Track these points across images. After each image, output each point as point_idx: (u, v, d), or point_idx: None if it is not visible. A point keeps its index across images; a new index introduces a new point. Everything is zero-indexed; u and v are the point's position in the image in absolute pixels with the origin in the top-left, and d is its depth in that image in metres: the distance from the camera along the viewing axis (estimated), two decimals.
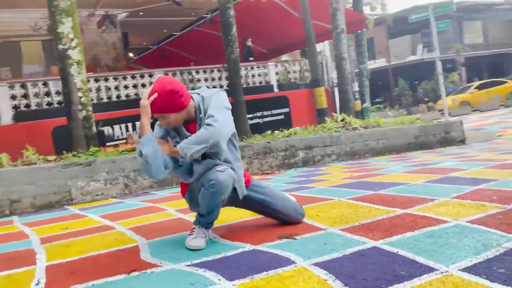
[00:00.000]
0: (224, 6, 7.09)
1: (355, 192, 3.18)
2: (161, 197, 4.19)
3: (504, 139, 9.48)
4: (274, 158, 6.03)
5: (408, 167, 4.60)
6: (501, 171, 3.58)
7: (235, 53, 7.12)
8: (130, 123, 8.49)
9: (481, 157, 4.84)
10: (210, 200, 2.06)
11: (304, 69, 10.62)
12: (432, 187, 3.14)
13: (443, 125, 8.06)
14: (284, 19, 12.44)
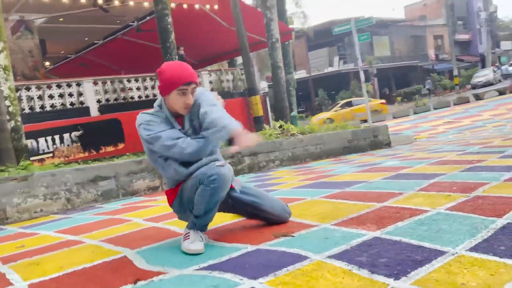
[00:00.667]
0: (162, 12, 6.92)
1: (322, 191, 3.26)
2: (114, 210, 3.93)
3: (421, 142, 10.40)
4: None
5: (355, 167, 4.83)
6: (444, 167, 3.92)
7: (174, 60, 6.97)
8: (57, 135, 7.87)
9: (417, 156, 5.25)
10: (211, 197, 1.98)
11: (237, 78, 10.71)
12: (392, 183, 3.33)
13: (372, 129, 8.60)
14: (214, 29, 12.47)
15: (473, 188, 2.74)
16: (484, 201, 2.38)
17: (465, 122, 13.33)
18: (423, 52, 36.13)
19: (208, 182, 1.96)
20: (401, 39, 33.47)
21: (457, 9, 39.60)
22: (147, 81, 9.51)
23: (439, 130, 12.69)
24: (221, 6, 10.41)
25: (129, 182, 5.03)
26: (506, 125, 10.52)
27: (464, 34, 41.28)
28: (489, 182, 2.88)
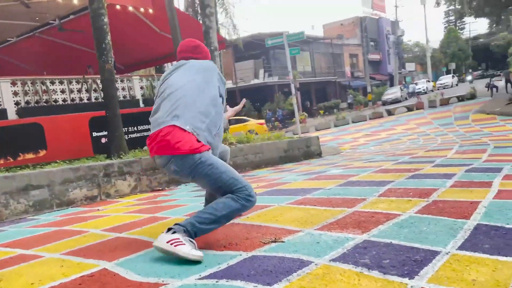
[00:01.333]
0: (97, 11, 6.52)
1: (285, 198, 3.29)
2: (55, 221, 3.58)
3: (348, 152, 11.01)
4: (163, 174, 5.75)
5: (302, 175, 4.95)
6: (388, 174, 4.18)
7: (110, 62, 6.58)
8: None
9: (356, 165, 5.53)
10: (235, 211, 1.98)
11: None
12: (349, 189, 3.47)
13: (305, 140, 8.91)
14: (144, 34, 12.08)
15: (428, 194, 2.95)
16: (444, 205, 2.58)
17: (382, 135, 14.40)
18: (340, 69, 38.47)
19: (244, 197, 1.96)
20: (321, 56, 35.32)
21: (369, 31, 42.88)
22: (73, 84, 8.88)
23: (360, 142, 13.55)
24: (155, 11, 10.13)
25: (64, 191, 4.62)
26: (419, 139, 11.53)
27: (375, 54, 44.80)
28: (438, 188, 3.13)
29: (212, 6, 8.32)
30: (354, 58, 42.31)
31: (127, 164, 5.34)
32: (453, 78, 42.56)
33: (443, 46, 57.29)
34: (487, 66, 65.86)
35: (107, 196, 5.02)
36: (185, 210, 3.30)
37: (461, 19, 53.42)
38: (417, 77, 53.97)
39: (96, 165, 5.00)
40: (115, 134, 6.66)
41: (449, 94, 24.60)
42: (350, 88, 36.41)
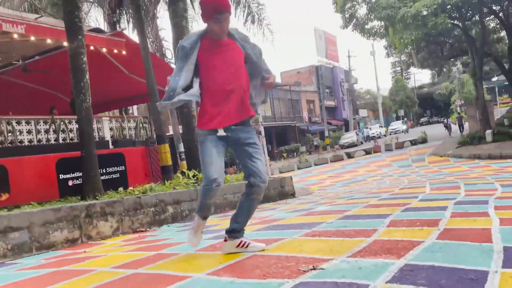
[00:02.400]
0: (76, 51, 6.43)
1: (293, 232, 3.25)
2: (41, 264, 3.31)
3: (318, 192, 11.14)
4: (144, 215, 5.54)
5: (291, 213, 4.94)
6: (381, 209, 4.26)
7: (87, 101, 6.41)
8: None
9: (342, 202, 5.59)
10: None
11: (140, 126, 10.30)
12: (353, 222, 3.50)
13: (279, 180, 8.96)
14: (113, 76, 11.98)
15: (435, 223, 3.04)
16: (458, 232, 2.66)
17: (347, 176, 14.76)
18: (299, 114, 39.70)
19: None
20: (280, 101, 36.38)
21: (325, 78, 44.97)
22: (40, 124, 8.54)
23: (327, 183, 13.80)
24: (127, 53, 10.13)
25: (44, 233, 4.31)
26: (384, 179, 11.92)
27: (331, 101, 46.78)
28: (441, 218, 3.23)
29: None
30: (311, 104, 43.91)
31: (109, 205, 5.10)
32: (403, 124, 45.03)
33: (392, 94, 60.96)
34: (431, 113, 70.50)
35: (88, 239, 4.73)
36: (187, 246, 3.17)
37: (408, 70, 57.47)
38: (370, 122, 56.62)
39: (77, 206, 4.74)
40: (91, 174, 6.40)
41: (402, 139, 25.92)
42: (308, 133, 37.47)
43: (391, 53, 30.31)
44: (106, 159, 9.68)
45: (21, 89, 11.97)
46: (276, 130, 34.09)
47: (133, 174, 9.99)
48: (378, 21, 20.01)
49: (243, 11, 12.08)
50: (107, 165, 9.65)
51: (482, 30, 19.67)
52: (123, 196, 6.38)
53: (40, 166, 8.00)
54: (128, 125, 10.42)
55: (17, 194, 7.45)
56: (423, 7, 15.68)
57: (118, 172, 9.88)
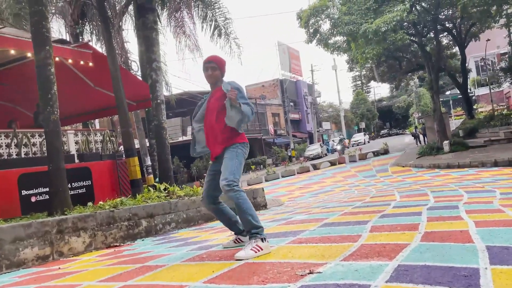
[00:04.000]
0: (44, 61, 6.22)
1: (279, 240, 3.27)
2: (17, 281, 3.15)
3: (289, 203, 11.22)
4: (118, 229, 5.38)
5: (271, 222, 4.95)
6: (359, 216, 4.37)
7: (55, 113, 6.19)
8: None
9: (316, 211, 5.67)
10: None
11: (107, 140, 10.05)
12: (335, 229, 3.56)
13: (251, 192, 8.96)
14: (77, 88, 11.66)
15: (415, 227, 3.15)
16: (440, 234, 2.78)
17: (315, 187, 14.97)
18: (264, 127, 39.97)
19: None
20: None
21: (289, 92, 45.68)
22: (1, 138, 8.17)
23: (295, 194, 13.93)
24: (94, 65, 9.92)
25: (14, 250, 4.10)
26: (351, 189, 12.18)
27: (295, 113, 47.51)
28: (419, 223, 3.35)
29: (158, 60, 8.40)
30: (276, 117, 44.40)
31: (82, 219, 4.93)
32: (365, 136, 46.37)
33: (353, 107, 62.72)
34: (391, 125, 73.04)
35: (60, 255, 4.53)
36: (175, 257, 3.12)
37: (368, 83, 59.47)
38: (333, 135, 57.89)
39: (48, 221, 4.55)
40: (59, 189, 6.16)
41: (365, 150, 26.66)
42: (274, 145, 37.79)
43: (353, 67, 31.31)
44: (71, 173, 9.36)
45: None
46: None
47: (100, 189, 9.71)
48: (341, 36, 20.68)
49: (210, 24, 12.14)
50: (72, 179, 9.34)
51: (437, 46, 20.74)
52: (94, 211, 6.19)
53: (0, 181, 7.65)
54: (95, 139, 10.16)
55: None
56: (383, 23, 16.35)
57: (84, 187, 9.60)
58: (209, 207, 3.32)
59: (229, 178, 2.92)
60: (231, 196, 2.94)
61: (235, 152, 3.10)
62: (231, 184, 2.91)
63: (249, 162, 30.52)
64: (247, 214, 2.89)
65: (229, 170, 2.96)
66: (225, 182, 2.90)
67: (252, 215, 2.91)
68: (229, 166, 2.99)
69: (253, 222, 2.88)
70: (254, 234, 2.84)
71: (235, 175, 2.99)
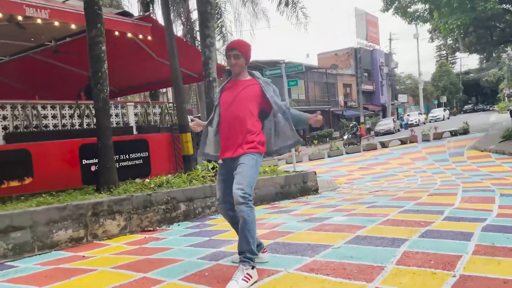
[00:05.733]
0: (95, 40, 6.29)
1: (292, 260, 2.98)
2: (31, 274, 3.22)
3: (344, 188, 10.75)
4: (155, 213, 5.42)
5: (303, 222, 4.65)
6: (399, 229, 3.90)
7: (105, 91, 6.30)
8: None
9: (359, 211, 5.24)
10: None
11: (165, 112, 10.20)
12: (361, 250, 3.18)
13: (302, 175, 8.64)
14: (141, 59, 11.91)
15: (452, 264, 2.68)
16: (475, 283, 2.30)
17: (377, 169, 14.19)
18: (334, 98, 38.71)
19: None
20: (315, 85, 35.55)
21: (363, 62, 43.47)
22: (65, 109, 8.57)
23: (355, 175, 13.33)
24: (154, 38, 9.97)
25: (48, 232, 4.26)
26: (416, 176, 11.33)
27: (368, 85, 45.30)
28: (461, 256, 2.86)
29: (213, 36, 8.17)
30: (348, 88, 42.71)
31: (117, 203, 5.00)
32: (444, 112, 43.09)
33: (434, 79, 58.33)
34: (477, 100, 67.14)
35: (94, 237, 4.65)
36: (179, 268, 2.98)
37: (453, 54, 54.64)
38: (409, 108, 54.63)
39: (84, 204, 4.66)
40: (106, 166, 6.33)
41: (442, 128, 24.70)
42: (343, 118, 36.56)
43: (435, 37, 28.78)
44: (130, 145, 9.70)
45: (52, 70, 12.13)
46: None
47: (157, 161, 9.96)
48: (422, 4, 18.85)
49: None
50: (131, 151, 9.66)
51: None
52: (137, 189, 6.31)
53: (63, 151, 8.05)
54: (153, 111, 10.35)
55: (40, 179, 7.56)
56: None
57: (141, 159, 9.88)
58: (226, 214, 2.93)
59: (246, 190, 2.63)
60: (243, 210, 2.62)
61: (255, 160, 2.79)
62: (246, 198, 2.63)
63: (314, 135, 29.92)
64: (249, 235, 2.63)
65: (247, 180, 2.68)
66: (241, 193, 2.62)
67: (253, 239, 2.66)
68: (248, 176, 2.70)
69: (251, 247, 2.64)
70: (248, 259, 2.62)
71: (251, 188, 2.73)
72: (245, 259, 2.60)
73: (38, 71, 12.73)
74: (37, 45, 11.97)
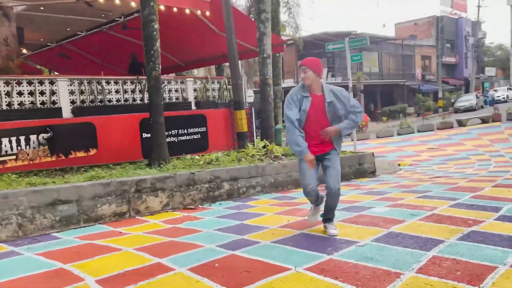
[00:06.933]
0: (148, 18, 6.41)
1: (306, 256, 2.87)
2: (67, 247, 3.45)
3: (405, 170, 10.18)
4: (198, 191, 5.53)
5: (343, 211, 4.47)
6: (439, 226, 3.59)
7: (157, 69, 6.46)
8: (23, 136, 7.27)
9: (406, 201, 4.91)
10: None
11: (224, 88, 10.27)
12: (385, 251, 2.97)
13: (358, 156, 8.30)
14: (203, 33, 12.01)
15: (480, 277, 2.39)
16: None
17: (449, 150, 13.20)
18: (410, 71, 36.37)
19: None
20: (390, 57, 33.59)
21: (446, 31, 40.07)
22: (127, 84, 8.97)
23: (423, 157, 12.53)
24: (213, 11, 9.96)
25: (93, 207, 4.55)
26: (490, 161, 10.37)
27: (451, 57, 41.79)
28: (496, 267, 2.54)
29: (268, 11, 7.94)
30: (427, 60, 39.79)
31: (161, 180, 5.17)
32: None
33: None
34: None
35: (136, 213, 4.89)
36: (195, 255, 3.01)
37: None
38: (498, 83, 49.73)
39: (127, 180, 4.88)
40: (158, 142, 6.56)
41: None
42: (419, 92, 34.29)
43: None
44: (188, 120, 9.96)
45: (123, 44, 12.70)
46: (382, 89, 31.81)
47: (214, 136, 10.15)
48: None
49: None
50: (189, 126, 9.92)
51: None
52: (186, 166, 6.48)
53: (125, 124, 8.47)
54: (212, 86, 10.47)
55: (104, 150, 8.06)
56: None
57: (199, 133, 10.12)
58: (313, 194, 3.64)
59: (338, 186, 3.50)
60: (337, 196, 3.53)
61: (339, 157, 3.63)
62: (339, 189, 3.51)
63: (385, 110, 28.53)
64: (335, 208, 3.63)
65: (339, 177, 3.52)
66: (338, 187, 3.48)
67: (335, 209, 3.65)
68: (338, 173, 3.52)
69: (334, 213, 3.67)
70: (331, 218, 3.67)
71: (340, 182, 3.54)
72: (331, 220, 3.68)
73: (111, 45, 13.41)
74: (108, 21, 12.56)
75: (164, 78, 9.73)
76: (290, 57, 28.57)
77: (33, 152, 7.51)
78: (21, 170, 6.74)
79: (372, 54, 31.61)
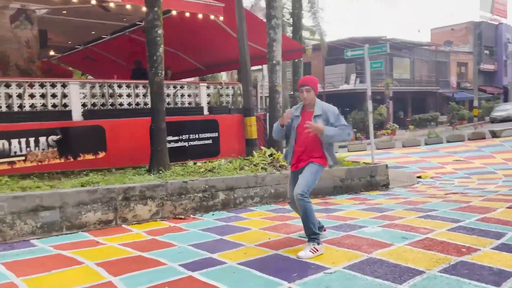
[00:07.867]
0: (152, 23, 6.38)
1: (267, 281, 2.67)
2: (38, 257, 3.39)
3: (423, 183, 9.70)
4: (190, 200, 5.41)
5: (329, 230, 4.22)
6: (423, 254, 3.29)
7: (159, 75, 6.41)
8: (33, 138, 7.40)
9: (403, 222, 4.60)
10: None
11: (237, 93, 10.15)
12: (352, 281, 2.72)
13: (369, 169, 7.95)
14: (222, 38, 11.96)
15: None
16: None
17: (476, 163, 12.51)
18: (444, 78, 35.04)
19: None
20: (423, 63, 32.50)
21: (484, 38, 38.44)
22: (139, 88, 9.00)
23: (447, 169, 11.93)
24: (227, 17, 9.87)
25: (77, 213, 4.50)
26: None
27: (489, 64, 40.01)
28: None
29: (278, 17, 7.76)
30: (463, 67, 38.25)
31: (150, 188, 5.08)
32: None
33: None
34: None
35: (123, 221, 4.81)
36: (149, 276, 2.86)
37: None
38: None
39: (115, 188, 4.82)
40: (158, 148, 6.50)
41: None
42: (453, 100, 32.97)
43: None
44: (200, 125, 9.90)
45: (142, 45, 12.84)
46: (413, 96, 30.79)
47: (226, 142, 10.03)
48: None
49: None
50: (201, 131, 9.86)
51: None
52: (186, 173, 6.38)
53: (134, 129, 8.48)
54: (226, 92, 10.38)
55: (112, 154, 8.09)
56: None
57: (211, 139, 10.03)
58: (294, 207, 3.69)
59: (304, 190, 3.36)
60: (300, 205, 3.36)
61: (315, 168, 3.51)
62: (303, 195, 3.35)
63: (415, 118, 27.62)
64: (310, 222, 3.39)
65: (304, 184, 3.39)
66: (299, 191, 3.35)
67: (313, 224, 3.40)
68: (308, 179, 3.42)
69: (313, 229, 3.39)
70: (312, 238, 3.40)
71: (308, 188, 3.40)
72: (311, 239, 3.39)
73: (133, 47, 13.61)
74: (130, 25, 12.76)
75: (176, 82, 9.72)
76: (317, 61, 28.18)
77: (42, 153, 7.61)
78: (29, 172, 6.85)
79: (403, 60, 30.69)
